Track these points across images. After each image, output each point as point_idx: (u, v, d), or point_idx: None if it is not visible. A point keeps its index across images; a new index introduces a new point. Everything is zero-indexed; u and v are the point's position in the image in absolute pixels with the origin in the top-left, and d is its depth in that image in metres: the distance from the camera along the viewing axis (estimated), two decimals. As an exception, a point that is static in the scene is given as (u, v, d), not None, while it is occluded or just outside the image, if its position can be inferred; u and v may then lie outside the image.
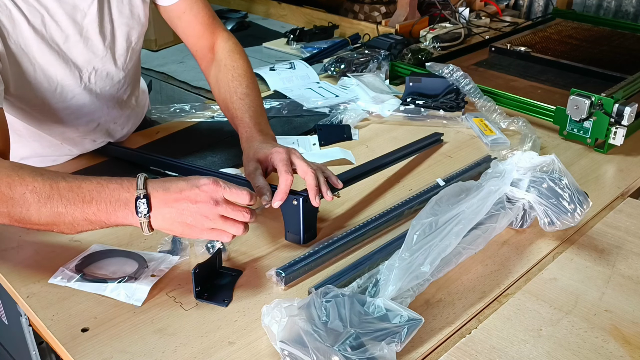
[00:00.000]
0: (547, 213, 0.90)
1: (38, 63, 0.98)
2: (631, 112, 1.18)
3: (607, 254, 0.91)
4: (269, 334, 0.71)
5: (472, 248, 0.86)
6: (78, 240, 0.92)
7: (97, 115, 1.12)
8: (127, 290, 0.81)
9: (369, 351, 0.66)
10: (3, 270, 0.86)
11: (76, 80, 1.04)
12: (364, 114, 1.35)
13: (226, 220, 0.78)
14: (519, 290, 0.84)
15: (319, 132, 1.26)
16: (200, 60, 1.18)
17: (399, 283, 0.75)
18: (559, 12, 2.08)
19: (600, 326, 0.77)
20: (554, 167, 0.92)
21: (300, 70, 1.62)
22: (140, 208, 0.76)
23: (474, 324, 0.78)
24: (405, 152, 1.15)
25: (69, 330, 0.76)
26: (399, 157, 1.14)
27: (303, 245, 0.92)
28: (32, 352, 0.94)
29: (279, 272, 0.83)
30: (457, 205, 0.84)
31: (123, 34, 1.07)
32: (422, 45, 1.84)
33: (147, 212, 0.76)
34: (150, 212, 0.77)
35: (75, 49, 1.01)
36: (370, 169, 1.07)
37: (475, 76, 1.38)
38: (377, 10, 2.08)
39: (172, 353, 0.73)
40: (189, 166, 1.08)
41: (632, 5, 2.23)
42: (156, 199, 0.77)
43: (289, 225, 0.93)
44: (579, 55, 1.68)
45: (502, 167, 0.92)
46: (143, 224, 0.77)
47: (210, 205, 0.77)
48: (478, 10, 2.19)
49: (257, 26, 2.24)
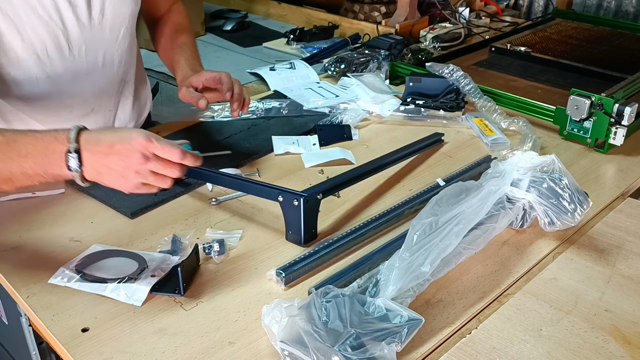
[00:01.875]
0: (547, 213, 0.90)
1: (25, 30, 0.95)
2: (631, 112, 1.18)
3: (607, 254, 0.91)
4: (269, 334, 0.71)
5: (472, 248, 0.86)
6: (78, 240, 0.92)
7: (89, 96, 1.11)
8: (127, 291, 0.81)
9: (369, 351, 0.66)
10: (3, 270, 0.86)
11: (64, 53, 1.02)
12: (364, 114, 1.35)
13: (156, 175, 0.79)
14: (519, 290, 0.84)
15: (319, 132, 1.26)
16: (149, 23, 1.30)
17: (399, 283, 0.75)
18: (559, 12, 2.08)
19: (601, 326, 0.77)
20: (554, 167, 0.92)
21: (300, 70, 1.62)
22: (70, 162, 0.76)
23: (474, 324, 0.78)
24: (405, 152, 1.15)
25: (69, 330, 0.76)
26: (399, 157, 1.14)
27: (303, 245, 0.92)
28: (32, 352, 0.94)
29: (279, 272, 0.83)
30: (457, 206, 0.84)
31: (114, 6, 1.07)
32: (422, 45, 1.84)
33: (78, 166, 0.76)
34: (82, 166, 0.77)
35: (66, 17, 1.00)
36: (370, 170, 1.07)
37: (475, 76, 1.38)
38: (377, 10, 2.08)
39: (172, 353, 0.73)
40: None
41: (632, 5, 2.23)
42: (87, 151, 0.77)
43: (290, 225, 0.93)
44: (579, 55, 1.68)
45: (502, 167, 0.92)
46: (76, 177, 0.78)
47: (140, 161, 0.77)
48: (478, 10, 2.19)
49: (257, 26, 2.24)
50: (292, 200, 0.90)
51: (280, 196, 0.91)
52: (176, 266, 0.83)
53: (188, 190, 1.06)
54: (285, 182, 1.10)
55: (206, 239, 0.93)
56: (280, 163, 1.17)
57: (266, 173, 1.13)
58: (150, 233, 0.95)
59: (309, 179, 1.11)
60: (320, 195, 0.93)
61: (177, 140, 0.86)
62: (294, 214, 0.91)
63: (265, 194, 0.94)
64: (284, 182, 1.09)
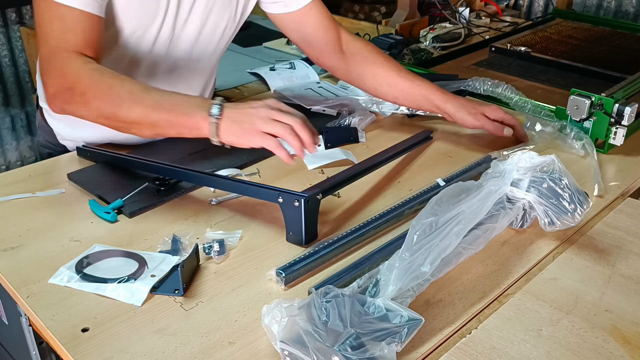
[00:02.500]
0: (547, 213, 0.90)
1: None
2: (631, 112, 1.18)
3: (607, 254, 0.92)
4: (269, 334, 0.71)
5: (473, 248, 0.86)
6: (78, 240, 0.92)
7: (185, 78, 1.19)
8: (127, 290, 0.81)
9: (369, 351, 0.66)
10: (3, 270, 0.86)
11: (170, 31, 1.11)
12: (372, 117, 1.34)
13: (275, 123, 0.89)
14: (519, 290, 0.84)
15: (325, 134, 1.26)
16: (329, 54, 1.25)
17: (399, 283, 0.75)
18: (559, 12, 2.08)
19: (601, 326, 0.77)
20: (554, 167, 0.92)
21: (300, 70, 1.62)
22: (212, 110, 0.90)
23: (474, 324, 0.78)
24: (394, 152, 1.15)
25: (69, 330, 0.76)
26: (389, 157, 1.14)
27: (304, 245, 0.92)
28: (32, 352, 0.94)
29: (279, 272, 0.83)
30: (457, 206, 0.84)
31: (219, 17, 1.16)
32: (422, 45, 1.84)
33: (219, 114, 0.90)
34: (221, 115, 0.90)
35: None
36: (368, 167, 1.07)
37: (475, 76, 1.39)
38: (377, 10, 2.08)
39: (172, 353, 0.73)
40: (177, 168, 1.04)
41: (632, 5, 2.23)
42: (227, 108, 0.91)
43: (291, 226, 0.93)
44: (579, 55, 1.68)
45: (502, 167, 0.92)
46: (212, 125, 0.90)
47: (265, 108, 0.91)
48: (478, 10, 2.19)
49: (257, 26, 2.24)
50: (292, 201, 0.90)
51: (280, 197, 0.91)
52: (176, 266, 0.83)
53: (188, 190, 1.06)
54: (286, 182, 1.10)
55: (206, 239, 0.93)
56: (280, 163, 1.16)
57: (266, 173, 1.13)
58: (150, 233, 0.95)
59: (309, 179, 1.11)
60: (320, 195, 0.93)
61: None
62: (295, 214, 0.91)
63: (265, 195, 0.94)
64: (284, 182, 1.09)
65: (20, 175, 1.11)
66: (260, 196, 0.95)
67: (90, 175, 1.09)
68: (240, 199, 1.04)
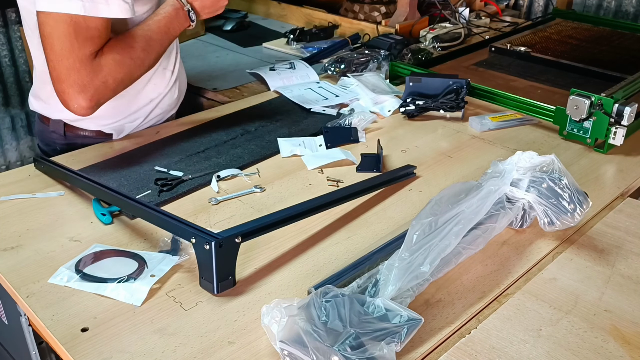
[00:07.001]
0: (547, 213, 0.90)
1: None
2: (631, 112, 1.18)
3: (607, 254, 0.92)
4: (269, 334, 0.71)
5: (472, 248, 0.86)
6: (78, 240, 0.92)
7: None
8: (126, 290, 0.81)
9: (369, 351, 0.66)
10: (3, 270, 0.86)
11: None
12: (373, 117, 1.34)
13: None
14: (519, 290, 0.84)
15: (325, 134, 1.25)
16: None
17: (398, 283, 0.75)
18: (559, 12, 2.08)
19: (600, 326, 0.77)
20: (553, 167, 0.92)
21: (300, 70, 1.62)
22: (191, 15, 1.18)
23: (473, 324, 0.78)
24: (375, 183, 1.06)
25: (68, 330, 0.76)
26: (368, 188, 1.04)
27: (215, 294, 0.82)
28: (32, 352, 0.94)
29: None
30: (456, 205, 0.84)
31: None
32: (422, 45, 1.84)
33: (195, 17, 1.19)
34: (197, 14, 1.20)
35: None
36: (304, 211, 0.93)
37: (475, 76, 1.39)
38: (377, 10, 2.08)
39: (172, 353, 0.73)
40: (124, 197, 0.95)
41: (632, 5, 2.23)
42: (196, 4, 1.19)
43: (202, 270, 0.83)
44: (579, 55, 1.68)
45: (501, 167, 0.92)
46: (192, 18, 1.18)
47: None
48: (478, 10, 2.19)
49: (257, 26, 2.24)
50: (203, 244, 0.80)
51: (193, 237, 0.82)
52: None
53: (188, 190, 1.06)
54: (285, 182, 1.10)
55: (206, 239, 0.92)
56: (281, 163, 1.17)
57: (266, 173, 1.13)
58: (150, 233, 0.95)
59: (309, 180, 1.11)
60: (239, 238, 0.82)
61: None
62: (206, 258, 0.81)
63: (179, 232, 0.85)
64: (283, 182, 1.10)
65: (20, 175, 1.11)
66: (177, 233, 0.87)
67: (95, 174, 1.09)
68: (240, 199, 1.04)
